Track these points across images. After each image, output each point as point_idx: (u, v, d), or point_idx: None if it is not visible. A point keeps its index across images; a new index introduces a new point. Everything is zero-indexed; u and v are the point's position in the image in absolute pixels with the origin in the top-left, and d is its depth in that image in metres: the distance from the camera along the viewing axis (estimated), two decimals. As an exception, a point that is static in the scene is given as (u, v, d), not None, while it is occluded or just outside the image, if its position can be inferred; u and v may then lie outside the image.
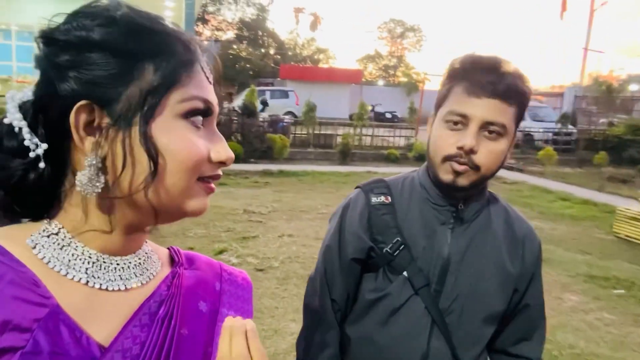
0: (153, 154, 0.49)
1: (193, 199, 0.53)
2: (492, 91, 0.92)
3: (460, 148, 0.94)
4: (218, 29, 38.75)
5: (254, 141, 11.26)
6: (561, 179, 10.83)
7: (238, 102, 13.33)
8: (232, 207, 6.61)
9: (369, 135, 14.11)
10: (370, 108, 22.36)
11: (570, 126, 15.47)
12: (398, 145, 14.19)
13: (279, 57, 38.59)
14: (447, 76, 1.00)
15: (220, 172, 0.56)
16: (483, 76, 0.93)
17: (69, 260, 0.51)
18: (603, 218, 7.39)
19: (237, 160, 10.57)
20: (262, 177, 9.29)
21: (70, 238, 0.52)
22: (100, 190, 0.50)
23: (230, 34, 38.50)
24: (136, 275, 0.56)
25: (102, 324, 0.51)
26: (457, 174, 0.96)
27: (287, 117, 14.58)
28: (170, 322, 0.55)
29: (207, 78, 0.55)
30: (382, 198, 1.06)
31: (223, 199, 7.18)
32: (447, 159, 0.96)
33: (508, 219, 1.07)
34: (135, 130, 0.49)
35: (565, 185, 10.18)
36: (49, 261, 0.50)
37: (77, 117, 0.48)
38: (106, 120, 0.49)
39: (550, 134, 15.23)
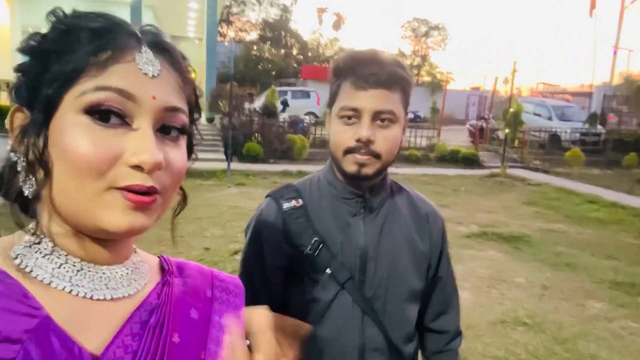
0: (33, 155, 0.47)
1: (107, 211, 0.47)
2: (376, 82, 0.98)
3: (358, 140, 0.99)
4: (242, 30, 39.09)
5: (273, 141, 11.30)
6: (588, 181, 10.50)
7: (259, 103, 13.39)
8: (249, 208, 6.62)
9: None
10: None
11: (599, 126, 14.99)
12: (420, 145, 14.01)
13: (302, 57, 38.68)
14: (334, 74, 1.05)
15: (146, 182, 0.48)
16: (365, 69, 0.99)
17: (53, 269, 0.50)
18: (631, 222, 7.13)
19: (257, 160, 10.69)
20: (282, 177, 9.30)
21: (52, 247, 0.51)
22: (30, 192, 0.49)
23: (253, 35, 38.79)
24: (123, 286, 0.54)
25: (92, 334, 0.50)
26: (360, 165, 1.01)
27: (307, 117, 14.56)
28: (162, 330, 0.54)
29: (148, 69, 0.49)
30: (293, 202, 1.08)
31: (241, 199, 7.22)
32: (348, 151, 1.01)
33: (411, 201, 1.15)
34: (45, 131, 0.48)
35: (593, 187, 9.86)
36: (32, 270, 0.49)
37: (10, 120, 0.50)
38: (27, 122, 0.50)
39: (578, 135, 14.79)
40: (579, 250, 5.78)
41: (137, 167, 0.47)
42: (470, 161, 12.49)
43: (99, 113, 0.47)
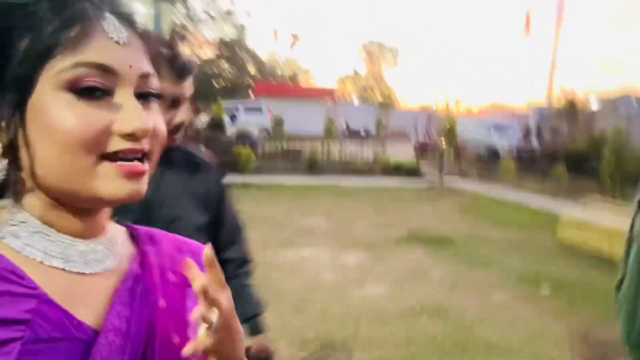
0: (8, 136, 0.48)
1: (102, 181, 0.48)
2: None
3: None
4: (199, 47, 38.97)
5: (219, 154, 11.34)
6: (520, 190, 11.11)
7: (206, 117, 13.46)
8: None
9: (338, 150, 14.33)
10: (344, 125, 22.71)
11: (534, 141, 15.93)
12: (367, 159, 14.42)
13: (259, 76, 38.91)
14: None
15: (135, 145, 0.48)
16: None
17: (44, 246, 0.50)
18: (549, 225, 7.61)
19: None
20: (224, 188, 9.36)
21: (39, 224, 0.51)
22: (3, 174, 0.50)
23: (209, 53, 38.73)
24: (109, 257, 0.55)
25: (87, 308, 0.51)
26: None
27: (255, 130, 14.73)
28: (148, 297, 0.55)
29: (119, 39, 0.49)
30: None
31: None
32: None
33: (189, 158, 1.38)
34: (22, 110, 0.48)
35: (523, 196, 10.45)
36: (23, 249, 0.50)
37: None
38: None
39: (515, 149, 15.70)
40: (496, 250, 6.15)
41: (129, 136, 0.48)
42: (412, 172, 12.98)
43: (82, 89, 0.47)
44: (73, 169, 0.47)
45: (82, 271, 0.51)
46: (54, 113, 0.46)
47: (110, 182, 0.48)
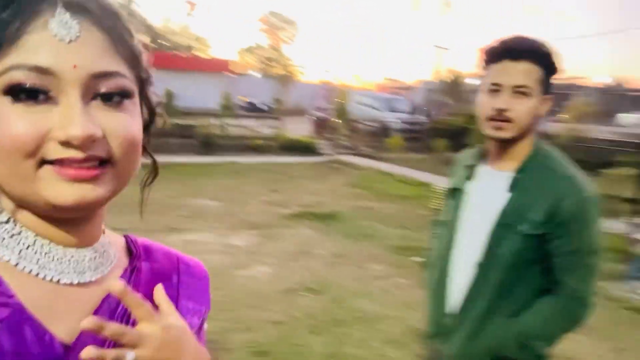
0: None
1: (45, 185, 0.45)
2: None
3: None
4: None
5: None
6: (407, 164, 11.87)
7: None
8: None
9: (235, 126, 14.08)
10: (243, 99, 22.29)
11: (421, 116, 17.01)
12: (264, 135, 14.37)
13: (155, 46, 36.47)
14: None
15: (77, 154, 0.44)
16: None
17: (20, 250, 0.49)
18: (428, 197, 8.28)
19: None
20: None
21: (20, 227, 0.49)
22: None
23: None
24: (91, 269, 0.52)
25: (62, 321, 0.49)
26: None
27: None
28: (130, 318, 0.51)
29: (64, 35, 0.45)
30: None
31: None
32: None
33: None
34: None
35: (408, 169, 11.18)
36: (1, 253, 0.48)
37: None
38: None
39: (404, 124, 16.64)
40: (379, 222, 6.56)
41: (66, 144, 0.44)
42: (308, 149, 13.22)
43: (20, 93, 0.44)
44: (15, 174, 0.45)
45: (59, 280, 0.49)
46: None
47: (53, 186, 0.45)
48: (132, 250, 0.59)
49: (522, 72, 1.29)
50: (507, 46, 1.32)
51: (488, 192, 1.38)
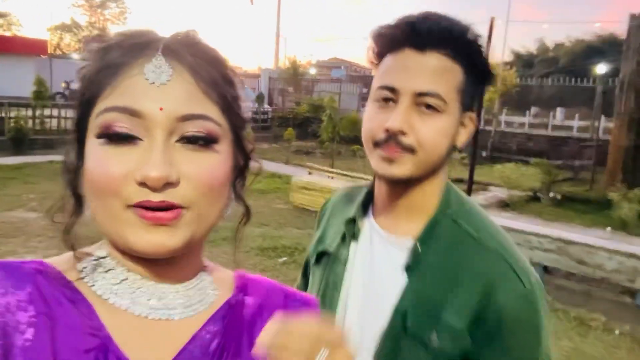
0: (67, 178, 0.51)
1: (128, 230, 0.47)
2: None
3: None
4: None
5: None
6: (257, 155, 11.68)
7: None
8: None
9: (56, 117, 12.12)
10: (64, 85, 19.43)
11: (266, 105, 16.94)
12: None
13: None
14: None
15: (151, 197, 0.45)
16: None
17: (113, 285, 0.51)
18: (285, 189, 8.19)
19: None
20: None
21: (116, 263, 0.52)
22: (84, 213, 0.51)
23: None
24: (184, 306, 0.53)
25: (151, 356, 0.50)
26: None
27: None
28: (223, 355, 0.52)
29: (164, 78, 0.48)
30: None
31: None
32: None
33: None
34: None
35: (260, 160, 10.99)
36: (94, 285, 0.51)
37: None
38: None
39: (249, 113, 16.38)
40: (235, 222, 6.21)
41: (142, 185, 0.46)
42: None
43: (110, 135, 0.47)
44: (105, 216, 0.47)
45: (146, 315, 0.50)
46: (88, 159, 0.48)
47: (134, 230, 0.47)
48: (236, 285, 0.59)
49: (431, 71, 0.79)
50: (408, 28, 0.80)
51: (377, 269, 0.87)
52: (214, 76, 0.50)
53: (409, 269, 0.82)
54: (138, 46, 0.48)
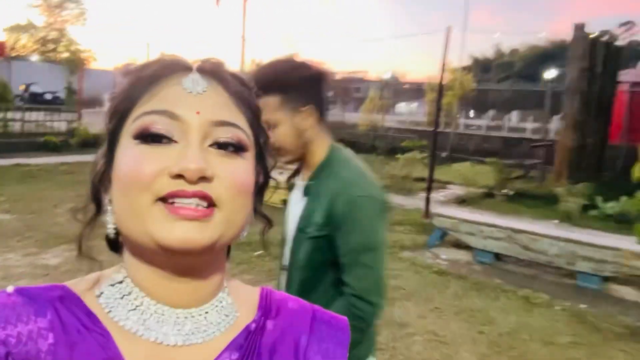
0: (95, 180, 0.53)
1: (156, 223, 0.46)
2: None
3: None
4: None
5: None
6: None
7: None
8: None
9: (19, 120, 11.92)
10: (22, 88, 18.91)
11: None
12: (59, 130, 12.53)
13: None
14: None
15: (186, 187, 0.46)
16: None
17: (128, 311, 0.51)
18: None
19: None
20: None
21: (132, 287, 0.51)
22: (110, 229, 0.52)
23: None
24: (200, 331, 0.51)
25: None
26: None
27: None
28: None
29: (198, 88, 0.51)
30: None
31: None
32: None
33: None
34: None
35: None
36: (110, 311, 0.51)
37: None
38: None
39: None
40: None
41: (179, 176, 0.46)
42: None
43: (147, 136, 0.48)
44: (131, 211, 0.47)
45: (163, 342, 0.50)
46: (120, 158, 0.49)
47: (162, 224, 0.46)
48: (261, 306, 0.58)
49: (265, 107, 1.36)
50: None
51: (295, 201, 1.46)
52: (244, 94, 0.54)
53: (305, 195, 1.40)
54: (175, 62, 0.52)
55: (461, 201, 8.75)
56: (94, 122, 13.16)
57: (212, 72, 0.52)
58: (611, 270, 4.72)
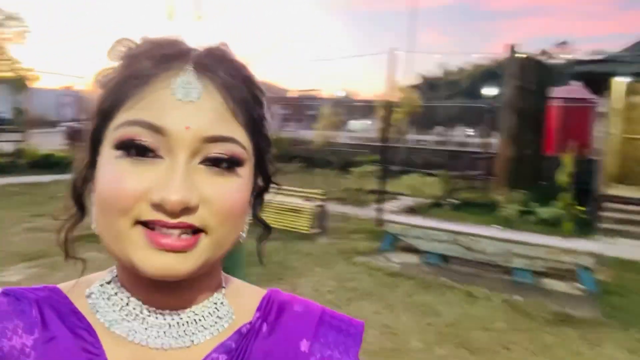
0: (75, 188, 0.49)
1: (135, 250, 0.43)
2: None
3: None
4: None
5: None
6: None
7: None
8: None
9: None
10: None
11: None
12: (5, 152, 12.16)
13: None
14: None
15: (167, 218, 0.42)
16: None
17: (114, 311, 0.49)
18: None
19: None
20: None
21: (119, 287, 0.50)
22: (95, 230, 0.48)
23: None
24: (187, 334, 0.49)
25: None
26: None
27: None
28: None
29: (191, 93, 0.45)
30: None
31: None
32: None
33: None
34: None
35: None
36: (98, 311, 0.49)
37: (75, 159, 0.51)
38: None
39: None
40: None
41: (158, 206, 0.42)
42: (64, 165, 11.85)
43: (129, 148, 0.44)
44: (110, 232, 0.45)
45: (148, 344, 0.48)
46: (101, 171, 0.46)
47: (141, 251, 0.43)
48: (262, 308, 0.54)
49: None
50: None
51: None
52: (244, 96, 0.47)
53: None
54: (167, 57, 0.45)
55: (411, 210, 9.28)
56: (42, 142, 12.86)
57: (209, 70, 0.46)
58: (542, 265, 5.29)
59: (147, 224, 0.43)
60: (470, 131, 19.68)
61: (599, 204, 8.43)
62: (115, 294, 0.50)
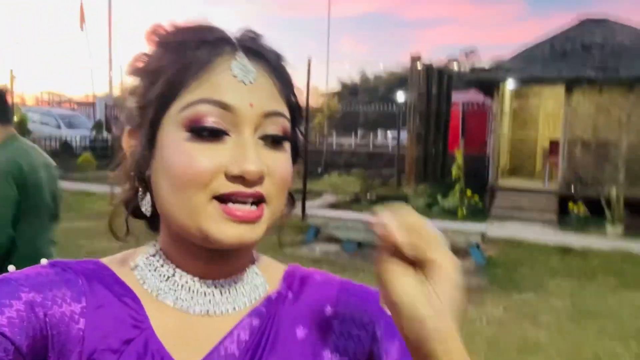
0: (138, 169, 0.50)
1: (211, 222, 0.47)
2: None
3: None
4: None
5: None
6: (103, 182, 11.67)
7: None
8: None
9: None
10: None
11: (105, 132, 16.69)
12: None
13: None
14: None
15: (245, 189, 0.47)
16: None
17: (160, 282, 0.52)
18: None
19: None
20: None
21: (164, 259, 0.53)
22: (147, 209, 0.52)
23: None
24: (228, 301, 0.53)
25: (190, 350, 0.49)
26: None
27: None
28: (258, 351, 0.51)
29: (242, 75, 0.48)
30: None
31: None
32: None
33: None
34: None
35: (105, 187, 11.01)
36: (144, 282, 0.52)
37: (125, 142, 0.53)
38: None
39: (88, 141, 16.02)
40: (92, 244, 6.63)
41: (238, 178, 0.46)
42: None
43: (202, 131, 0.47)
44: (185, 207, 0.47)
45: (192, 311, 0.51)
46: (170, 150, 0.48)
47: (217, 224, 0.47)
48: (286, 280, 0.58)
49: None
50: None
51: None
52: (287, 78, 0.52)
53: None
54: (218, 41, 0.49)
55: (333, 206, 9.99)
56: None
57: (257, 54, 0.50)
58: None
59: (221, 199, 0.47)
60: (390, 134, 21.04)
61: (492, 193, 9.73)
62: (162, 265, 0.53)
